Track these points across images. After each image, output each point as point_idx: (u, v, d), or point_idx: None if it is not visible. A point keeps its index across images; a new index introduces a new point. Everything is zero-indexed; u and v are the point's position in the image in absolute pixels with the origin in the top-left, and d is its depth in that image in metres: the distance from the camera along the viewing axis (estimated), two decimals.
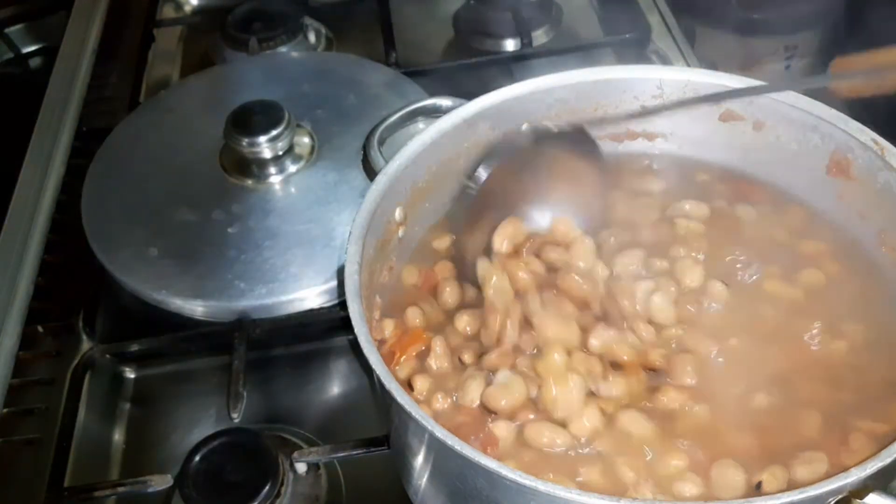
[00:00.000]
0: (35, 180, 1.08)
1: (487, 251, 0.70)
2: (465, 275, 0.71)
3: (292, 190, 0.98)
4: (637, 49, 1.19)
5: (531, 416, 0.63)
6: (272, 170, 0.99)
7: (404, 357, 0.68)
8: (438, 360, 0.67)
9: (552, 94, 0.78)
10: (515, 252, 0.71)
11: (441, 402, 0.65)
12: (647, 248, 0.73)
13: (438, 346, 0.67)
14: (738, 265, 0.72)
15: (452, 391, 0.65)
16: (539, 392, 0.63)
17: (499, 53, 1.25)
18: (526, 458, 0.61)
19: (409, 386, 0.66)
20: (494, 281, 0.68)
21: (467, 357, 0.67)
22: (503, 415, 0.63)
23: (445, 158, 0.75)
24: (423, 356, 0.68)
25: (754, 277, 0.71)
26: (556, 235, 0.72)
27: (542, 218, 0.74)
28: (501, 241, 0.71)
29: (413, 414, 0.54)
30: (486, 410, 0.64)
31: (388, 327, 0.70)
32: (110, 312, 0.95)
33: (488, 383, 0.65)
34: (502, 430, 0.62)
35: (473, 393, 0.64)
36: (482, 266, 0.69)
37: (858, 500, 0.51)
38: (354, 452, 0.79)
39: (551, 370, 0.63)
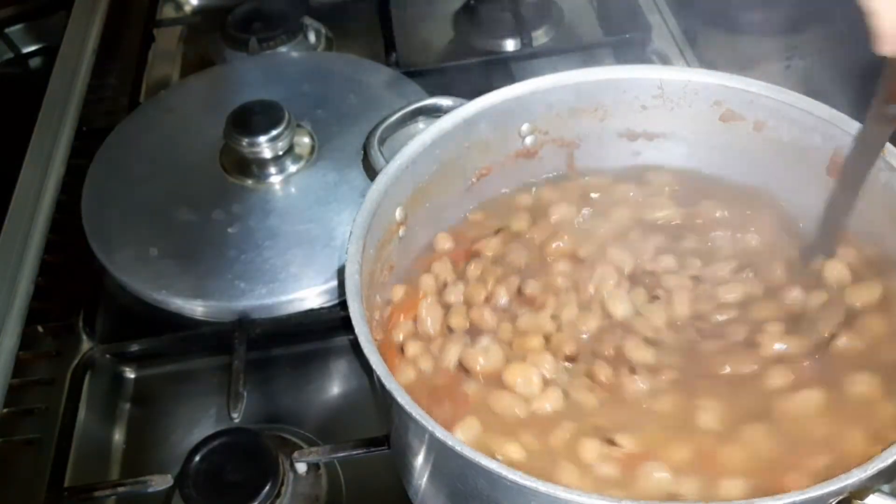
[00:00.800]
0: (35, 180, 1.08)
1: None
2: None
3: (292, 190, 0.98)
4: (637, 49, 1.19)
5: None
6: (272, 170, 0.98)
7: (402, 319, 0.70)
8: (423, 324, 0.69)
9: (552, 94, 0.78)
10: None
11: (426, 364, 0.66)
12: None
13: (424, 310, 0.70)
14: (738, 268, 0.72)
15: (437, 354, 0.67)
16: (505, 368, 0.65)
17: (499, 53, 1.25)
18: (490, 419, 0.63)
19: (401, 350, 0.68)
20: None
21: (455, 321, 0.69)
22: (476, 376, 0.65)
23: (445, 158, 0.75)
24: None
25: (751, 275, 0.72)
26: None
27: None
28: None
29: (413, 414, 0.54)
30: (464, 372, 0.66)
31: (399, 293, 0.71)
32: (110, 312, 0.95)
33: (467, 346, 0.66)
34: (472, 388, 0.64)
35: (452, 354, 0.66)
36: None
37: (859, 501, 0.51)
38: (354, 452, 0.79)
39: (527, 349, 0.66)
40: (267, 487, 0.73)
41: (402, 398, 0.55)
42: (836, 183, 0.69)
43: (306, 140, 1.02)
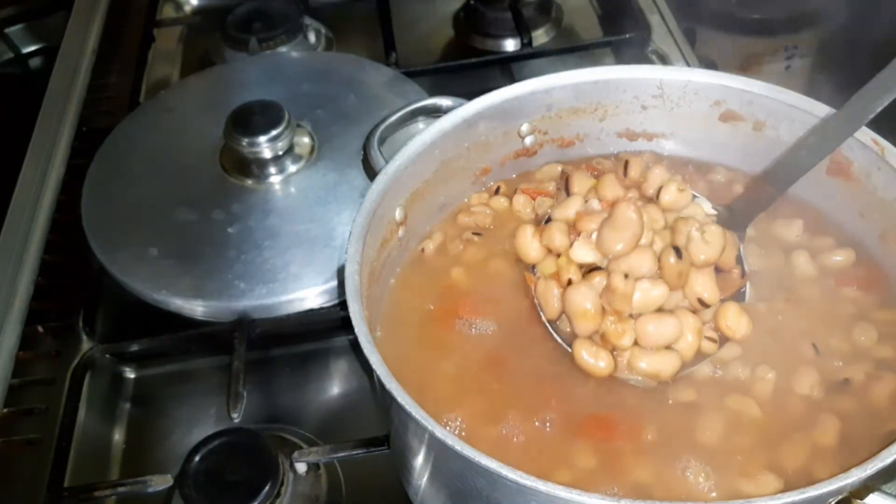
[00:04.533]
0: (35, 180, 1.08)
1: None
2: None
3: (292, 190, 0.98)
4: (637, 49, 1.19)
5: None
6: (272, 170, 0.99)
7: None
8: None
9: (552, 94, 0.78)
10: None
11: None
12: None
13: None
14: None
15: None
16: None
17: (499, 53, 1.25)
18: None
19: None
20: None
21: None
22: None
23: (445, 158, 0.75)
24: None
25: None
26: None
27: None
28: None
29: (413, 414, 0.54)
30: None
31: None
32: (110, 312, 0.95)
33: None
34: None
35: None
36: None
37: (859, 501, 0.51)
38: (354, 452, 0.79)
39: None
40: (267, 487, 0.73)
41: (402, 398, 0.55)
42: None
43: (306, 140, 1.02)
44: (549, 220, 0.71)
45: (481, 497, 0.56)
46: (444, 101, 0.77)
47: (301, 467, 0.79)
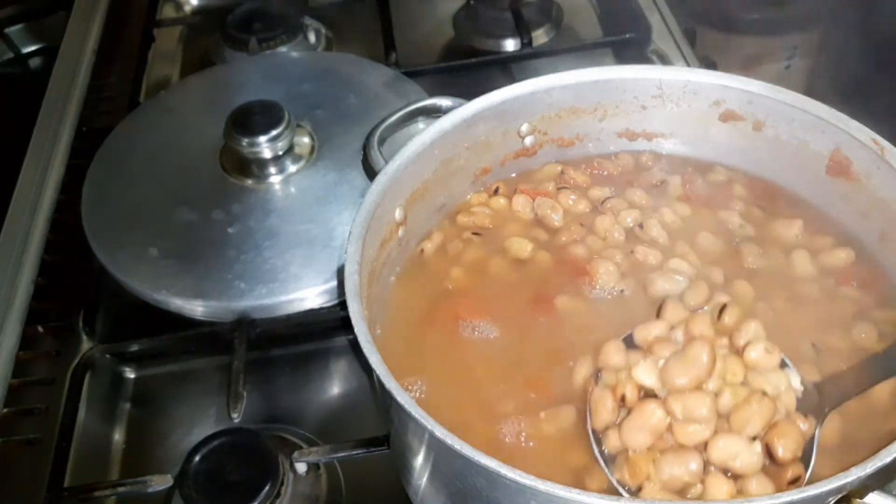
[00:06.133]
0: (35, 180, 1.08)
1: None
2: None
3: (292, 190, 0.98)
4: (637, 49, 1.19)
5: None
6: (272, 170, 0.99)
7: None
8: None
9: (552, 94, 0.78)
10: None
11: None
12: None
13: None
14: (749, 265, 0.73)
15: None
16: None
17: (499, 53, 1.25)
18: None
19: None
20: None
21: None
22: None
23: (445, 158, 0.76)
24: None
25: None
26: None
27: None
28: None
29: (413, 414, 0.54)
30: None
31: None
32: (110, 312, 0.95)
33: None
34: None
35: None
36: None
37: (858, 500, 0.51)
38: (354, 452, 0.79)
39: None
40: (267, 487, 0.73)
41: (402, 398, 0.55)
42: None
43: (306, 140, 1.02)
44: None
45: (481, 497, 0.56)
46: (443, 101, 0.77)
47: (301, 467, 0.79)
